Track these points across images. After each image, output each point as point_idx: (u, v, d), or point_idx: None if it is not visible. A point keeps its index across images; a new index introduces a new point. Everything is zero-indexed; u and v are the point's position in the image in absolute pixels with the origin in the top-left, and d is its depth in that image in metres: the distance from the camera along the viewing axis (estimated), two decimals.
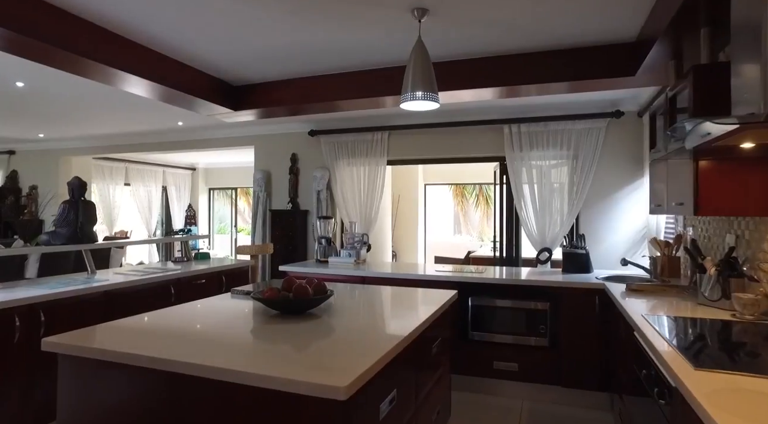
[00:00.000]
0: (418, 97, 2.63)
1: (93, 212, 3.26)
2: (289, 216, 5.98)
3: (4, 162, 8.35)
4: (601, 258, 4.77)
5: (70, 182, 3.24)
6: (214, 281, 3.87)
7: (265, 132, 6.37)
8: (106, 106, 5.22)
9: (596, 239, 4.82)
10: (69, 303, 2.72)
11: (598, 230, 4.81)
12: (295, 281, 2.16)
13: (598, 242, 4.82)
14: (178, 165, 10.85)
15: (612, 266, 4.65)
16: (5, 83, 4.26)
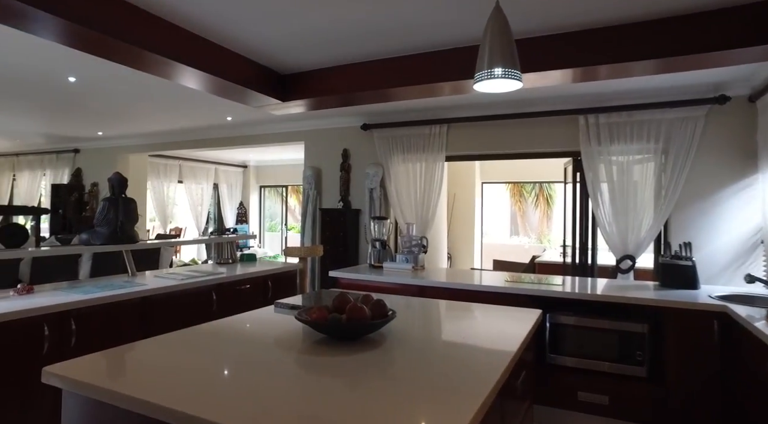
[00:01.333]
0: (496, 76, 2.16)
1: (134, 210, 3.03)
2: (340, 215, 5.65)
3: (70, 160, 8.58)
4: (698, 270, 4.08)
5: (111, 178, 3.02)
6: (260, 286, 3.58)
7: (315, 127, 6.07)
8: (156, 102, 5.09)
9: (692, 247, 4.14)
10: (103, 310, 2.48)
11: (695, 237, 4.12)
12: (349, 299, 1.76)
13: (694, 250, 4.13)
14: (229, 163, 10.87)
15: (714, 279, 3.96)
16: (58, 78, 4.18)
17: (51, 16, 2.30)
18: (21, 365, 2.15)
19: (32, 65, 3.89)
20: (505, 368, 1.41)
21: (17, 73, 4.08)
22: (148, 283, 2.90)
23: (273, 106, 4.16)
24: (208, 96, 4.85)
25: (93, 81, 4.31)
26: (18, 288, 2.51)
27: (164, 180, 9.40)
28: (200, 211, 10.22)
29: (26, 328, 2.17)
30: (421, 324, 2.00)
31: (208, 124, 6.43)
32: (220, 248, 4.00)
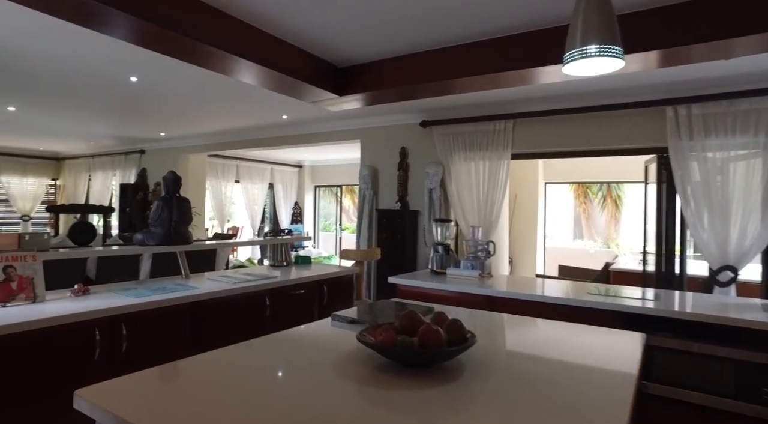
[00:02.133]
0: (590, 54, 1.81)
1: (187, 210, 2.91)
2: (398, 217, 5.40)
3: (137, 161, 8.91)
4: None
5: (165, 177, 2.92)
6: (315, 291, 3.38)
7: (371, 124, 5.86)
8: (213, 101, 5.06)
9: None
10: (153, 314, 2.35)
11: None
12: (419, 318, 1.49)
13: None
14: (285, 162, 10.93)
15: None
16: (121, 78, 4.20)
17: (123, 13, 2.25)
18: (73, 370, 2.05)
19: (96, 67, 3.92)
20: (630, 404, 1.09)
21: (82, 74, 4.14)
22: (201, 287, 2.77)
23: (329, 102, 3.96)
24: (264, 94, 4.75)
25: (153, 81, 4.31)
26: (74, 289, 2.43)
27: (222, 180, 9.56)
28: (256, 210, 10.33)
29: (78, 331, 2.07)
30: (505, 347, 1.69)
31: (264, 124, 6.39)
32: (274, 249, 3.85)
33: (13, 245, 2.30)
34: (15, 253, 2.21)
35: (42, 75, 4.23)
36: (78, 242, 5.01)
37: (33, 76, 4.33)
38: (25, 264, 2.22)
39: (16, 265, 2.19)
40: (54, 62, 3.87)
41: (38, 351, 1.95)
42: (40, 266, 2.28)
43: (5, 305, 2.13)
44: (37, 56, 3.73)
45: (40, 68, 4.03)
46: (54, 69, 4.05)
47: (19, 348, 1.89)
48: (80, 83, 4.47)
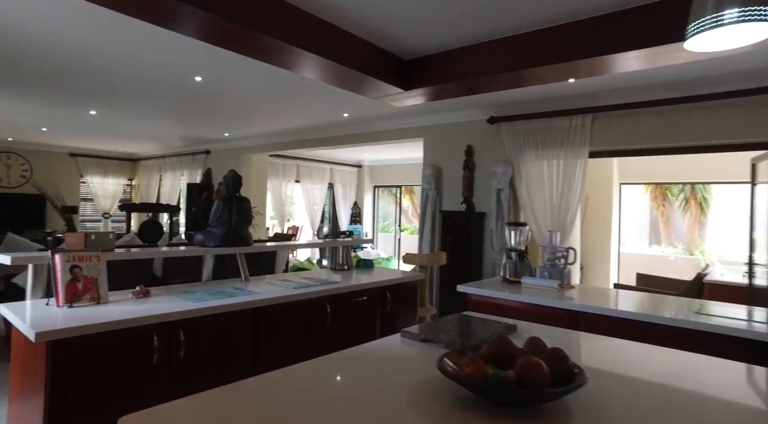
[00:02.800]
0: (729, 20, 1.46)
1: (247, 210, 2.81)
2: (463, 219, 5.10)
3: (202, 161, 9.19)
4: None
5: (225, 176, 2.84)
6: (377, 297, 3.18)
7: (435, 122, 5.60)
8: (275, 100, 5.02)
9: None
10: (212, 320, 2.25)
11: None
12: (513, 346, 1.23)
13: None
14: (344, 162, 10.89)
15: None
16: (186, 77, 4.24)
17: (191, 7, 2.18)
18: (131, 376, 1.97)
19: (163, 68, 3.96)
20: None
21: (152, 76, 4.21)
22: (260, 291, 2.64)
23: (393, 97, 3.76)
24: (325, 92, 4.64)
25: (217, 80, 4.30)
26: (136, 290, 2.38)
27: (282, 179, 9.66)
28: (315, 210, 10.37)
29: (137, 337, 1.99)
30: (615, 381, 1.39)
31: (325, 122, 6.31)
32: (334, 251, 3.70)
33: (80, 245, 2.27)
34: (81, 253, 2.17)
35: (117, 79, 4.35)
36: (146, 240, 5.15)
37: (110, 80, 4.46)
38: (90, 264, 2.18)
39: (82, 265, 2.15)
40: (127, 65, 3.95)
41: (99, 355, 1.88)
42: (104, 267, 2.23)
43: (71, 305, 2.10)
44: (112, 60, 3.82)
45: (115, 72, 4.14)
46: (127, 72, 4.14)
47: (81, 352, 1.83)
48: (150, 85, 4.56)
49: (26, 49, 3.60)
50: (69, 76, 4.36)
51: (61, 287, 2.08)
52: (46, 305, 2.11)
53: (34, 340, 1.72)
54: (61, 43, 3.45)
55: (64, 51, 3.65)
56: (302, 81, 4.31)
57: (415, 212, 14.66)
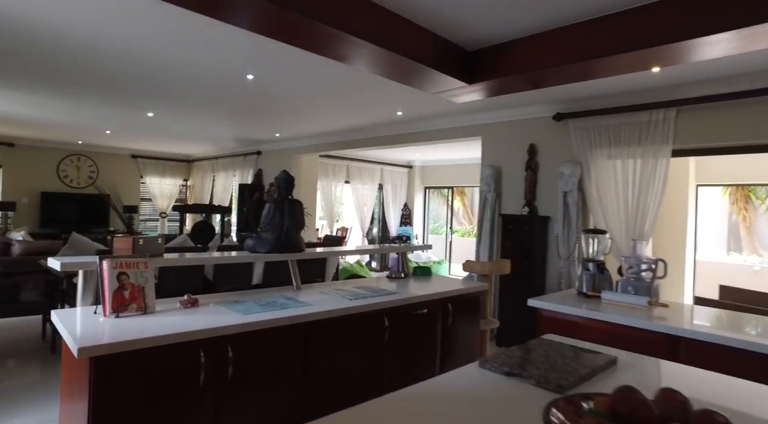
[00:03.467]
0: None
1: (300, 214, 2.62)
2: (525, 223, 4.73)
3: (254, 162, 9.24)
4: None
5: (277, 177, 2.67)
6: (438, 310, 2.91)
7: (495, 119, 5.26)
8: (327, 99, 4.85)
9: None
10: (262, 335, 2.06)
11: None
12: (646, 404, 0.93)
13: None
14: (395, 163, 10.68)
15: None
16: (238, 76, 4.14)
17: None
18: (178, 396, 1.82)
19: (216, 67, 3.87)
20: None
21: (205, 76, 4.14)
22: (313, 302, 2.44)
23: (454, 92, 3.48)
24: (378, 89, 4.42)
25: (268, 78, 4.18)
26: (184, 300, 2.24)
27: (332, 180, 9.56)
28: (365, 211, 10.21)
29: (183, 353, 1.83)
30: None
31: (377, 122, 6.10)
32: (388, 258, 3.46)
33: (128, 250, 2.16)
34: (128, 259, 2.05)
35: (171, 80, 4.33)
36: (197, 241, 5.14)
37: (165, 82, 4.46)
38: (137, 271, 2.05)
39: (129, 272, 2.03)
40: (181, 66, 3.90)
41: (143, 372, 1.73)
42: (151, 274, 2.10)
43: (118, 315, 1.97)
44: (167, 61, 3.78)
45: (170, 74, 4.11)
46: (181, 73, 4.10)
47: (125, 368, 1.68)
48: (204, 85, 4.52)
49: (90, 53, 3.61)
50: (128, 78, 4.38)
51: (108, 295, 1.96)
52: (94, 314, 2.00)
53: (76, 356, 1.59)
54: (121, 47, 3.43)
55: (123, 54, 3.63)
56: (355, 78, 4.12)
57: (466, 213, 14.23)
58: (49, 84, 4.81)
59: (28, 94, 5.27)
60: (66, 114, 6.40)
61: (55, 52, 3.71)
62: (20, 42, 3.49)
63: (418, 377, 1.42)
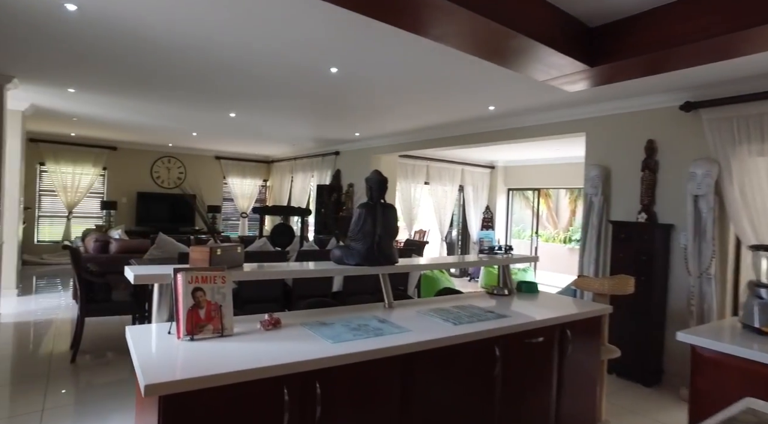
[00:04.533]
0: None
1: (394, 221, 2.25)
2: (642, 232, 4.05)
3: (332, 162, 9.12)
4: None
5: (368, 179, 2.32)
6: (555, 338, 2.42)
7: (603, 112, 4.59)
8: (413, 93, 4.47)
9: None
10: (355, 370, 1.71)
11: None
12: None
13: None
14: (476, 163, 10.10)
15: None
16: (321, 69, 3.89)
17: None
18: None
19: (298, 59, 3.64)
20: None
21: (286, 70, 3.93)
22: (410, 327, 2.06)
23: (569, 78, 2.94)
24: (471, 82, 3.98)
25: (353, 70, 3.88)
26: (264, 320, 1.95)
27: (411, 181, 9.19)
28: (444, 214, 9.74)
29: (264, 390, 1.53)
30: None
31: (464, 118, 5.62)
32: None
33: (205, 261, 1.90)
34: (204, 272, 1.78)
35: (253, 78, 4.18)
36: (277, 244, 4.98)
37: (246, 81, 4.33)
38: (214, 286, 1.78)
39: (206, 288, 1.76)
40: (263, 62, 3.71)
41: (218, 412, 1.44)
42: (229, 290, 1.83)
43: (192, 337, 1.71)
44: (248, 58, 3.60)
45: (251, 71, 3.95)
46: (263, 71, 3.93)
47: (197, 407, 1.40)
48: (286, 82, 4.33)
49: (174, 54, 3.52)
50: (212, 78, 4.30)
51: (182, 315, 1.70)
52: (168, 334, 1.76)
53: (143, 394, 1.32)
54: (205, 45, 3.29)
55: (207, 53, 3.51)
56: (447, 70, 3.70)
57: (550, 217, 13.28)
58: (145, 89, 4.90)
59: (129, 99, 5.44)
60: (159, 117, 6.59)
61: (149, 55, 3.69)
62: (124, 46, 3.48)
63: (532, 419, 0.98)
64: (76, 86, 4.96)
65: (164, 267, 1.94)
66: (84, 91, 5.17)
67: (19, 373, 3.58)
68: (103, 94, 5.28)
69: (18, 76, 4.67)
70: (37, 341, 4.33)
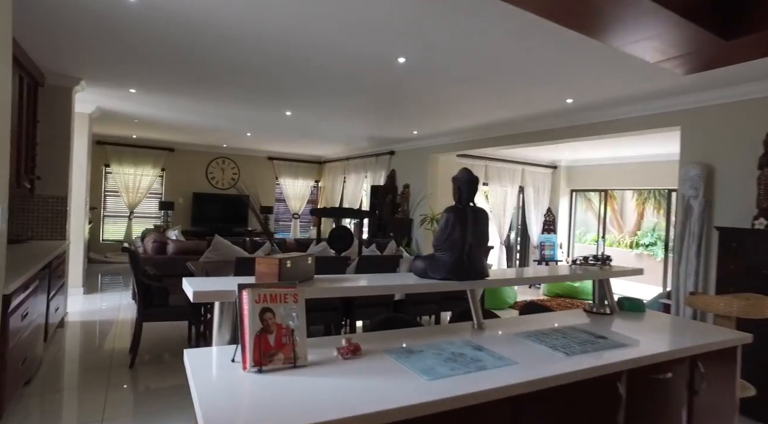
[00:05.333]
0: None
1: (485, 227, 1.89)
2: (759, 241, 3.46)
3: (386, 162, 8.83)
4: None
5: (457, 177, 1.98)
6: (685, 373, 1.97)
7: (705, 102, 4.02)
8: (483, 84, 4.08)
9: None
10: (457, 415, 1.36)
11: None
12: None
13: None
14: (538, 163, 9.51)
15: None
16: (388, 60, 3.58)
17: None
18: None
19: (363, 49, 3.34)
20: None
21: (349, 62, 3.65)
22: (514, 357, 1.69)
23: (689, 58, 2.46)
24: (550, 71, 3.56)
25: (422, 60, 3.55)
26: (342, 347, 1.64)
27: None
28: (503, 216, 9.22)
29: None
30: None
31: (537, 113, 5.15)
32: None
33: (274, 276, 1.62)
34: (274, 290, 1.50)
35: (314, 72, 3.94)
36: (336, 248, 4.73)
37: (306, 74, 4.10)
38: (285, 306, 1.49)
39: (275, 308, 1.48)
40: (326, 53, 3.45)
41: None
42: (302, 309, 1.53)
43: (261, 368, 1.43)
44: (308, 50, 3.36)
45: (310, 65, 3.71)
46: (325, 62, 3.67)
47: None
48: (348, 74, 4.06)
49: (234, 45, 3.33)
50: (270, 72, 4.10)
51: (248, 341, 1.42)
52: (232, 362, 1.48)
53: None
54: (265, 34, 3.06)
55: (267, 44, 3.29)
56: (526, 57, 3.30)
57: (615, 220, 12.40)
58: (204, 88, 4.82)
59: (188, 98, 5.39)
60: (215, 117, 6.53)
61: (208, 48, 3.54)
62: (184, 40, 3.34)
63: None
64: (137, 86, 4.92)
65: (226, 281, 1.67)
66: (144, 92, 5.14)
67: (83, 377, 3.53)
68: (163, 94, 5.24)
69: (85, 78, 4.67)
70: (100, 343, 4.30)
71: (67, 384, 3.40)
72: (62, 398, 3.17)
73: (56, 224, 4.71)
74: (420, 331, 2.02)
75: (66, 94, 4.75)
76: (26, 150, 4.12)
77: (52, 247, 4.15)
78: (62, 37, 3.55)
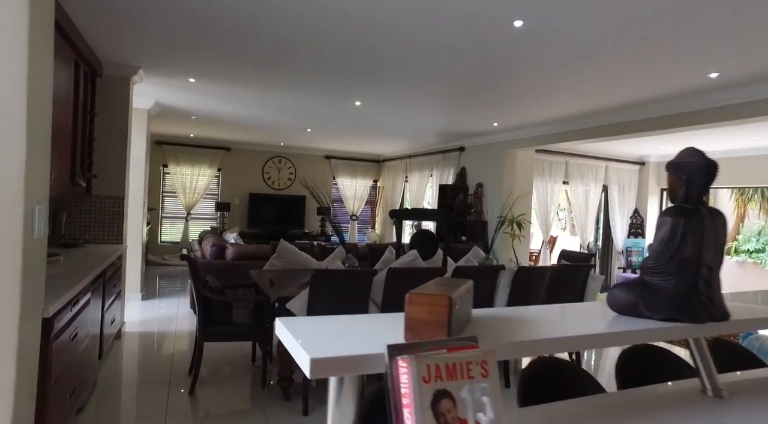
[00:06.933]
0: None
1: (724, 238, 1.14)
2: None
3: (455, 159, 8.10)
4: None
5: (685, 163, 1.27)
6: None
7: None
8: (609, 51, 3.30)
9: None
10: None
11: None
12: None
13: None
14: (623, 159, 8.51)
15: None
16: (501, 22, 2.88)
17: None
18: None
19: (476, 7, 2.67)
20: None
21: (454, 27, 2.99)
22: None
23: None
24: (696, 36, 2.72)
25: (543, 24, 2.84)
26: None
27: (548, 180, 7.88)
28: (586, 218, 8.27)
29: None
30: None
31: (669, 93, 4.21)
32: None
33: (442, 326, 0.96)
34: (452, 355, 0.84)
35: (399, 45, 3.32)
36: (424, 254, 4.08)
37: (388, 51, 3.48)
38: (470, 385, 0.84)
39: (454, 389, 0.82)
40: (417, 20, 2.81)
41: None
42: (496, 389, 0.87)
43: None
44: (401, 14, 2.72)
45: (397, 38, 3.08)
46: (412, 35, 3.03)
47: None
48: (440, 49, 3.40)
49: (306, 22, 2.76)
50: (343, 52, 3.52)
51: None
52: None
53: None
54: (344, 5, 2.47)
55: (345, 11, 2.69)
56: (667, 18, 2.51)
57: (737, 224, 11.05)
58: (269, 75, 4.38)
59: (250, 89, 4.96)
60: (277, 110, 6.07)
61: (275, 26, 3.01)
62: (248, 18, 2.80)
63: None
64: (196, 75, 4.49)
65: (362, 344, 1.02)
66: (204, 81, 4.71)
67: (140, 400, 3.14)
68: (223, 84, 4.80)
69: (143, 65, 4.29)
70: (158, 360, 3.88)
71: (123, 414, 2.96)
72: None
73: (113, 227, 4.33)
74: (604, 401, 1.30)
75: (124, 85, 4.38)
76: (82, 145, 3.74)
77: (108, 251, 3.75)
78: (122, 19, 3.12)
